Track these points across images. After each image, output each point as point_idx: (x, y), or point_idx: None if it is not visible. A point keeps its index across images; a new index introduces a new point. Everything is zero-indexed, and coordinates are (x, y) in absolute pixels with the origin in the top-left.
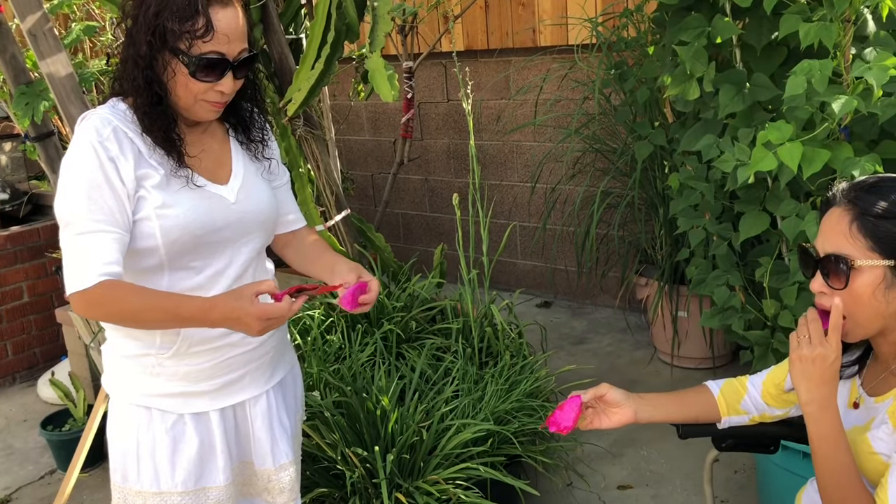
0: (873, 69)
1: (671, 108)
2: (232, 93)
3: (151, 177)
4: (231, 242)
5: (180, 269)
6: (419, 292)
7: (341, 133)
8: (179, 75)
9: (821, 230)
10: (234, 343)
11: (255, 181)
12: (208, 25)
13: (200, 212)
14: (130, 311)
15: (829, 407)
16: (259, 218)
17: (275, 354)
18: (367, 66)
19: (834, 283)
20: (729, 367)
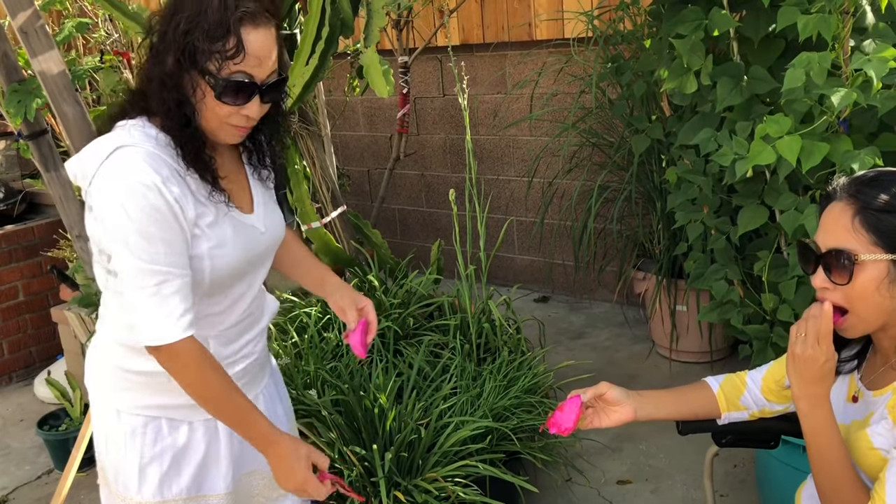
0: (873, 61)
1: (668, 102)
2: (258, 117)
3: (206, 215)
4: (256, 270)
5: (211, 296)
6: (416, 289)
7: (337, 129)
8: (208, 97)
9: (822, 225)
10: (246, 355)
11: (271, 207)
12: (239, 46)
13: (245, 247)
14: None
15: (820, 404)
16: (277, 240)
17: (266, 357)
18: (363, 62)
19: (837, 278)
20: (727, 360)
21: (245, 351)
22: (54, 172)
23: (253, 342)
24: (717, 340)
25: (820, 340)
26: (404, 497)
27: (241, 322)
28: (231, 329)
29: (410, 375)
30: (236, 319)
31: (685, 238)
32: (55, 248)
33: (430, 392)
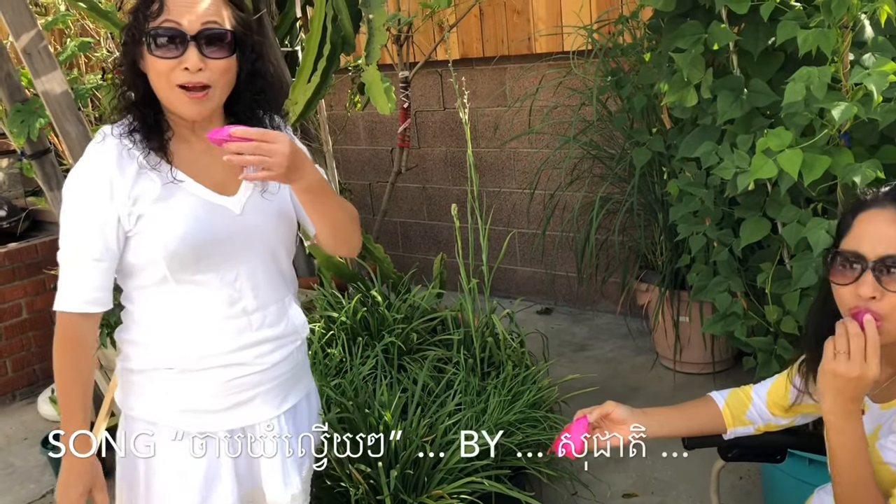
0: (873, 75)
1: (669, 115)
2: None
3: (149, 190)
4: (238, 255)
5: (185, 282)
6: (419, 303)
7: (338, 143)
8: (147, 60)
9: (863, 233)
10: (245, 362)
11: (266, 200)
12: (161, 5)
13: (202, 223)
14: (56, 363)
15: (854, 417)
16: (267, 230)
17: (289, 378)
18: (364, 79)
19: (893, 286)
20: (731, 371)
21: (239, 358)
22: (57, 191)
23: (251, 350)
24: (720, 351)
25: (868, 357)
26: None
27: (228, 319)
28: (212, 324)
29: (415, 391)
30: (218, 314)
31: (687, 250)
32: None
33: (434, 408)
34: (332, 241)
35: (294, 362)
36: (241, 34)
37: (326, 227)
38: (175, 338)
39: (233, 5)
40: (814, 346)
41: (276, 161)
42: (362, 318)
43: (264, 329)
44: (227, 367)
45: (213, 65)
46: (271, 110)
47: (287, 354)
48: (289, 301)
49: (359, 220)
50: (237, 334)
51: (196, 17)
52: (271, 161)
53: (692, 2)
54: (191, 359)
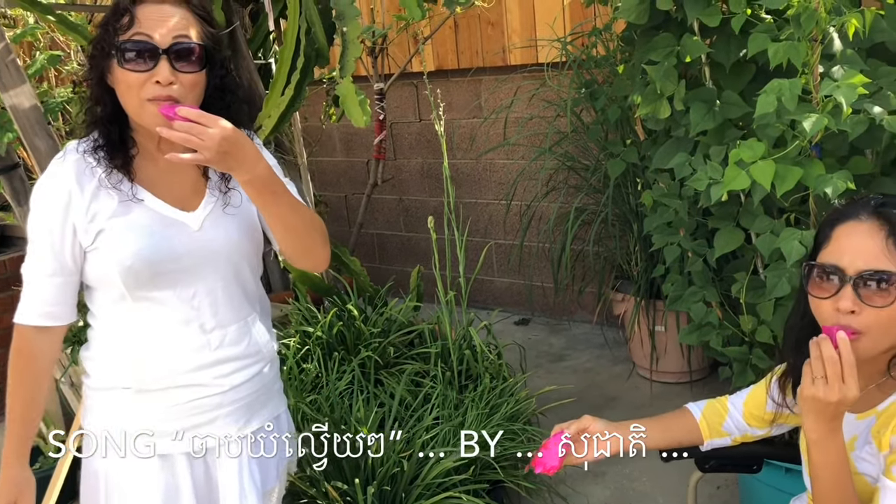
0: (842, 87)
1: (642, 126)
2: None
3: (107, 206)
4: (195, 272)
5: (141, 300)
6: (396, 317)
7: (314, 155)
8: (117, 74)
9: (842, 246)
10: (204, 383)
11: (228, 218)
12: (132, 19)
13: (157, 239)
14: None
15: (836, 434)
16: (228, 247)
17: (253, 401)
18: (339, 92)
19: (873, 300)
20: (707, 381)
21: (197, 378)
22: (26, 206)
23: (210, 371)
24: (696, 361)
25: (846, 379)
26: None
27: (185, 338)
28: (168, 343)
29: (392, 406)
30: (175, 332)
31: (662, 260)
32: None
33: (412, 423)
34: (293, 251)
35: (259, 384)
36: (211, 49)
37: (283, 234)
38: (131, 356)
39: (202, 20)
40: (792, 358)
41: (206, 144)
42: (338, 332)
43: (224, 348)
44: (184, 388)
45: (184, 79)
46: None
47: (251, 376)
48: (252, 320)
49: (325, 233)
50: (194, 354)
51: (167, 31)
52: (200, 143)
53: (665, 14)
54: (147, 378)
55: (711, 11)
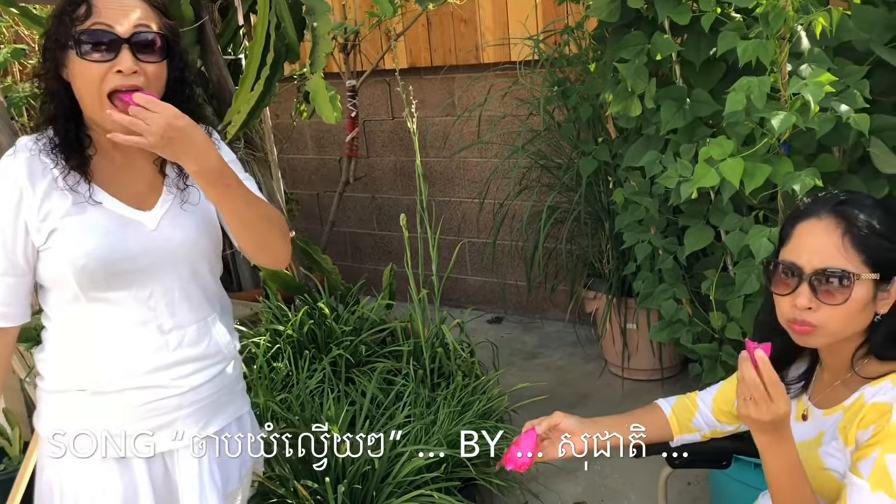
0: (809, 85)
1: (614, 124)
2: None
3: (60, 205)
4: (152, 272)
5: (96, 300)
6: (368, 315)
7: (284, 152)
8: (75, 66)
9: (801, 244)
10: (162, 385)
11: (186, 216)
12: (89, 8)
13: (112, 238)
14: None
15: (784, 441)
16: (185, 246)
17: (213, 402)
18: (309, 88)
19: (828, 298)
20: (678, 377)
21: (154, 380)
22: None
23: (168, 372)
24: (668, 358)
25: (773, 396)
26: None
27: (142, 339)
28: (125, 345)
29: (363, 404)
30: (132, 334)
31: (633, 258)
32: None
33: (383, 421)
34: (250, 246)
35: (220, 385)
36: (171, 40)
37: (238, 228)
38: (87, 358)
39: (160, 12)
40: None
41: (151, 129)
42: (309, 330)
43: (183, 349)
44: (142, 390)
45: (147, 69)
46: (199, 120)
47: (211, 376)
48: (212, 320)
49: (285, 228)
50: (152, 355)
51: (127, 21)
52: (145, 127)
53: (636, 13)
54: (102, 380)
55: (682, 10)
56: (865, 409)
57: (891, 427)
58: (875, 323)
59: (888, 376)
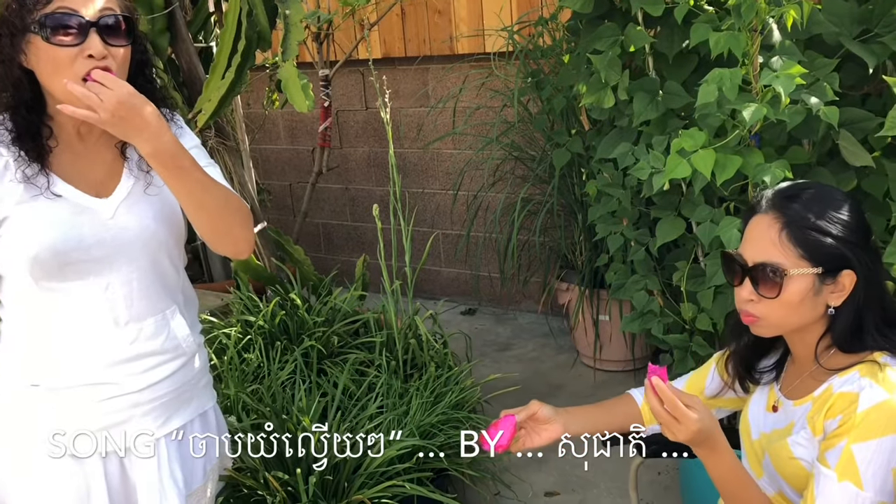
0: (780, 77)
1: (587, 116)
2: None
3: (11, 193)
4: (108, 262)
5: (50, 291)
6: (341, 306)
7: (257, 142)
8: (40, 52)
9: (747, 238)
10: (117, 381)
11: (146, 202)
12: None
13: (65, 227)
14: None
15: (717, 452)
16: (143, 235)
17: (173, 399)
18: (281, 76)
19: (765, 291)
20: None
21: (109, 376)
22: None
23: (124, 367)
24: (639, 349)
25: (679, 417)
26: None
27: (96, 333)
28: (79, 338)
29: (335, 395)
30: (86, 327)
31: (606, 249)
32: None
33: (355, 412)
34: (208, 233)
35: (181, 381)
36: (134, 22)
37: (194, 213)
38: (40, 352)
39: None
40: (732, 343)
41: (103, 105)
42: (281, 321)
43: (139, 343)
44: (96, 386)
45: (116, 52)
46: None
47: (170, 372)
48: (172, 313)
49: (247, 215)
50: (107, 350)
51: (92, 5)
52: (97, 102)
53: (609, 4)
54: (56, 376)
55: (655, 1)
56: (833, 399)
57: (857, 417)
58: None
59: (855, 367)
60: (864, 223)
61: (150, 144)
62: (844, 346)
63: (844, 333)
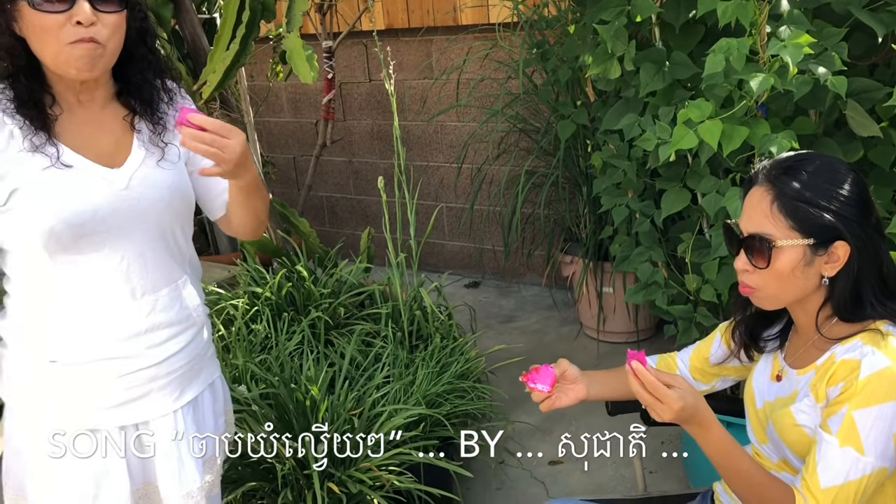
0: (788, 47)
1: (593, 87)
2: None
3: (21, 163)
4: (123, 233)
5: (65, 264)
6: (347, 278)
7: (260, 115)
8: (30, 19)
9: (744, 209)
10: (136, 354)
11: (155, 166)
12: None
13: (80, 197)
14: None
15: (707, 428)
16: (157, 206)
17: (186, 372)
18: (285, 47)
19: (757, 262)
20: (653, 339)
21: (128, 349)
22: None
23: (142, 339)
24: (643, 320)
25: (659, 397)
26: (338, 488)
27: (114, 305)
28: (96, 311)
29: (342, 366)
30: (103, 299)
31: (611, 222)
32: None
33: (362, 381)
34: (246, 229)
35: (193, 353)
36: None
37: (247, 220)
38: (57, 327)
39: None
40: (739, 313)
41: (228, 157)
42: (287, 293)
43: (156, 314)
44: (115, 360)
45: (106, 19)
46: (162, 73)
47: (184, 344)
48: (183, 283)
49: (269, 203)
50: (125, 322)
51: None
52: (223, 156)
53: None
54: (74, 350)
55: None
56: (835, 367)
57: (859, 384)
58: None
59: (858, 335)
60: (863, 194)
61: (245, 179)
62: (845, 316)
63: (843, 303)
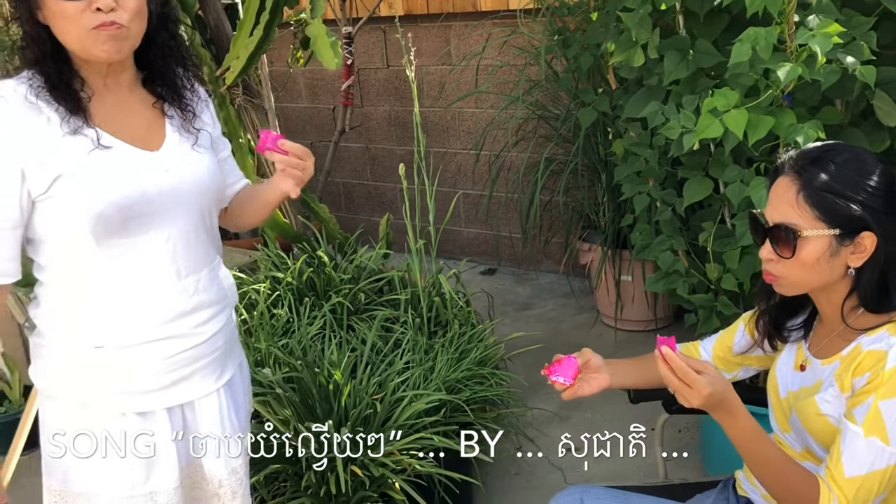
0: (817, 36)
1: (614, 75)
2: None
3: (62, 150)
4: (168, 214)
5: (112, 247)
6: (367, 264)
7: (279, 101)
8: (51, 7)
9: (770, 199)
10: (183, 334)
11: (195, 153)
12: None
13: (127, 180)
14: None
15: (733, 415)
16: (199, 188)
17: (225, 351)
18: (309, 33)
19: (782, 251)
20: (672, 328)
21: (176, 329)
22: None
23: (189, 319)
24: (661, 309)
25: (691, 383)
26: (361, 471)
27: (161, 286)
28: (144, 293)
29: (364, 351)
30: (150, 280)
31: (631, 210)
32: None
33: (383, 367)
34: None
35: (229, 333)
36: None
37: (255, 222)
38: (103, 312)
39: None
40: (763, 302)
41: (306, 178)
42: (308, 278)
43: (199, 294)
44: (164, 341)
45: (126, 4)
46: (184, 60)
47: (223, 323)
48: (218, 264)
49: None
50: (173, 302)
51: None
52: (303, 177)
53: None
54: (123, 333)
55: None
56: (861, 357)
57: (885, 374)
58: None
59: (884, 326)
60: (891, 186)
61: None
62: (871, 306)
63: (870, 293)
